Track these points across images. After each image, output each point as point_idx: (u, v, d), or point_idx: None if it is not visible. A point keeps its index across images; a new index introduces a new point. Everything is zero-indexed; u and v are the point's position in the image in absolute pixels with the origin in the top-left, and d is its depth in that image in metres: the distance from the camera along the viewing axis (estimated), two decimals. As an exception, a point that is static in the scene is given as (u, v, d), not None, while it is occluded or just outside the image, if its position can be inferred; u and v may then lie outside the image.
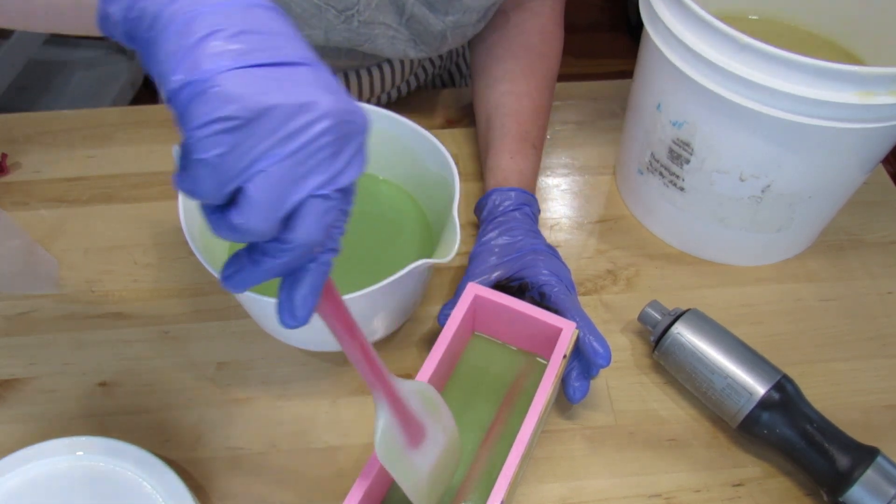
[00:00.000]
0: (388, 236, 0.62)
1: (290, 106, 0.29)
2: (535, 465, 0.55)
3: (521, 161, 0.65)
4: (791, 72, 0.51)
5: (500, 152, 0.66)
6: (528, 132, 0.67)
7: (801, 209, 0.62)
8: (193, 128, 0.28)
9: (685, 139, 0.60)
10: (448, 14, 0.65)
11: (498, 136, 0.67)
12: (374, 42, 0.67)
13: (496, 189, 0.63)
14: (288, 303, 0.34)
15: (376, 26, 0.65)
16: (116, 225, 0.69)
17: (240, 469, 0.55)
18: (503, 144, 0.66)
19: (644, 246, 0.69)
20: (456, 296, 0.57)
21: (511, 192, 0.63)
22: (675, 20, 0.56)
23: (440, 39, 0.67)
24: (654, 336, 0.59)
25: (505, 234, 0.60)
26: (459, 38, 0.69)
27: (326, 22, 0.64)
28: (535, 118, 0.68)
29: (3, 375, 0.59)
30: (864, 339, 0.63)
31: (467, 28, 0.68)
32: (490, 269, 0.58)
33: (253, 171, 0.29)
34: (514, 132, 0.67)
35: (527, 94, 0.69)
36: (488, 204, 0.63)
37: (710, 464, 0.56)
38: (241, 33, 0.29)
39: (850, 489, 0.50)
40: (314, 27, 0.65)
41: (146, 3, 0.30)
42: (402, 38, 0.67)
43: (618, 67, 2.00)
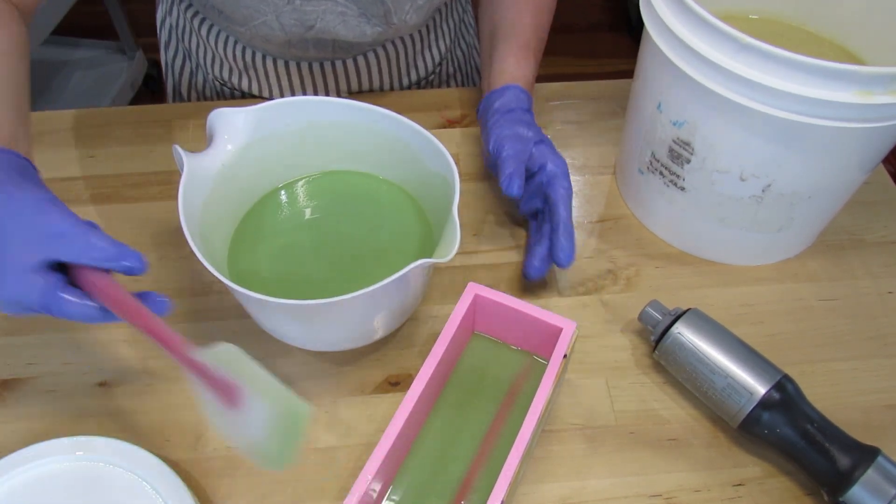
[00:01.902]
0: (388, 236, 0.62)
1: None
2: (535, 465, 0.55)
3: (525, 67, 0.69)
4: (791, 72, 0.51)
5: (506, 57, 0.69)
6: (529, 42, 0.71)
7: (802, 209, 0.62)
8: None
9: (685, 139, 0.60)
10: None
11: (503, 44, 0.71)
12: (325, 20, 0.69)
13: (511, 87, 0.67)
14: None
15: (321, 3, 0.68)
16: (116, 225, 0.69)
17: (240, 469, 0.55)
18: (508, 51, 0.70)
19: (644, 246, 0.69)
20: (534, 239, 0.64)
21: (522, 94, 0.67)
22: (675, 20, 0.56)
23: (381, 6, 0.69)
24: (654, 336, 0.59)
25: (521, 125, 0.64)
26: (407, 6, 0.70)
27: (273, 6, 0.67)
28: (535, 32, 0.73)
29: (3, 375, 0.59)
30: (865, 339, 0.63)
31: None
32: (523, 152, 0.62)
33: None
34: (516, 43, 0.71)
35: (528, 12, 0.73)
36: (493, 102, 0.67)
37: (710, 464, 0.56)
38: None
39: (850, 489, 0.50)
40: (265, 14, 0.68)
41: None
42: (353, 13, 0.69)
43: (618, 67, 2.00)
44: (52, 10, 1.53)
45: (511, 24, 0.72)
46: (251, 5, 0.68)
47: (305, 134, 0.62)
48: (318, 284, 0.59)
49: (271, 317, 0.54)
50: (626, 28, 2.18)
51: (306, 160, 0.64)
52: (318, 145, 0.63)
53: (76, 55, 1.77)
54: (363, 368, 0.60)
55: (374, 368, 0.60)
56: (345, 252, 0.61)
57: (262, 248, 0.61)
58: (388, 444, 0.46)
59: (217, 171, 0.58)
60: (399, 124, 0.60)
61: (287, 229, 0.63)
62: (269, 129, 0.60)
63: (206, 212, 0.56)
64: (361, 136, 0.62)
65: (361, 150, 0.63)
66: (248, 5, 0.68)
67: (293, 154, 0.63)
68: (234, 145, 0.59)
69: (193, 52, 0.84)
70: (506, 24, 0.72)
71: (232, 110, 0.59)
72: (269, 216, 0.63)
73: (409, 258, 0.60)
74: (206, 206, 0.56)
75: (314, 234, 0.62)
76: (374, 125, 0.61)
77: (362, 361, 0.61)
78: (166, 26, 0.86)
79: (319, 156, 0.64)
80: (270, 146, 0.61)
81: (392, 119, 0.60)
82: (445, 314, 0.63)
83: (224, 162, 0.58)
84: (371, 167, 0.65)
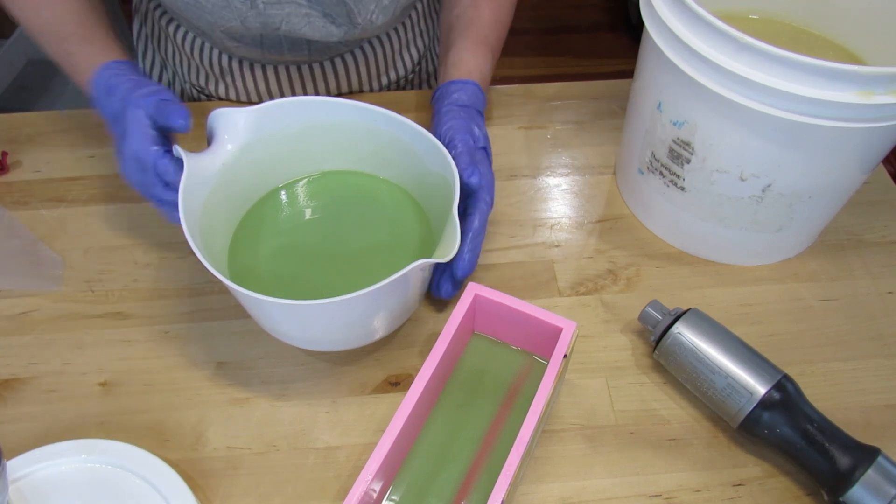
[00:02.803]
0: (388, 236, 0.62)
1: None
2: (535, 465, 0.55)
3: (482, 62, 0.70)
4: (791, 71, 0.51)
5: (461, 50, 0.70)
6: (487, 37, 0.72)
7: (802, 209, 0.62)
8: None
9: (685, 139, 0.60)
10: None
11: (458, 38, 0.71)
12: (291, 22, 0.69)
13: (465, 81, 0.67)
14: None
15: (285, 5, 0.68)
16: (116, 225, 0.69)
17: (240, 469, 0.55)
18: (465, 45, 0.70)
19: (644, 246, 0.69)
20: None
21: (480, 93, 0.67)
22: (675, 20, 0.56)
23: (343, 6, 0.70)
24: (654, 336, 0.59)
25: (474, 124, 0.64)
26: (371, 7, 0.71)
27: (237, 11, 0.68)
28: (493, 26, 0.73)
29: (3, 375, 0.59)
30: (864, 339, 0.63)
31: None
32: (473, 150, 0.62)
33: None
34: (473, 35, 0.71)
35: (487, 6, 0.73)
36: (454, 90, 0.67)
37: (710, 463, 0.56)
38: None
39: (850, 489, 0.50)
40: (230, 20, 0.69)
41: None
42: (317, 14, 0.70)
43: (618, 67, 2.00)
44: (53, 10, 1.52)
45: (469, 19, 0.72)
46: (215, 12, 0.68)
47: (305, 134, 0.62)
48: (318, 284, 0.59)
49: (270, 317, 0.54)
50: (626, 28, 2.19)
51: (306, 160, 0.64)
52: (318, 145, 0.63)
53: (76, 55, 1.77)
54: (363, 368, 0.60)
55: (374, 368, 0.60)
56: (345, 252, 0.61)
57: (261, 247, 0.61)
58: (388, 444, 0.47)
59: (217, 171, 0.58)
60: (399, 124, 0.60)
61: (287, 229, 0.63)
62: (269, 129, 0.60)
63: (206, 211, 0.56)
64: (361, 136, 0.62)
65: (361, 149, 0.63)
66: (211, 12, 0.68)
67: (293, 154, 0.63)
68: (234, 145, 0.59)
69: (169, 59, 0.84)
70: (465, 19, 0.72)
71: (232, 110, 0.59)
72: (269, 216, 0.63)
73: (410, 258, 0.60)
74: (207, 206, 0.56)
75: (314, 234, 0.62)
76: (374, 125, 0.61)
77: (362, 361, 0.61)
78: (142, 36, 0.86)
79: (319, 156, 0.64)
80: (270, 146, 0.61)
81: (392, 119, 0.60)
82: (445, 314, 0.63)
83: (224, 162, 0.59)
84: (371, 167, 0.65)
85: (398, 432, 0.47)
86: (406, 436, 0.50)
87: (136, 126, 0.57)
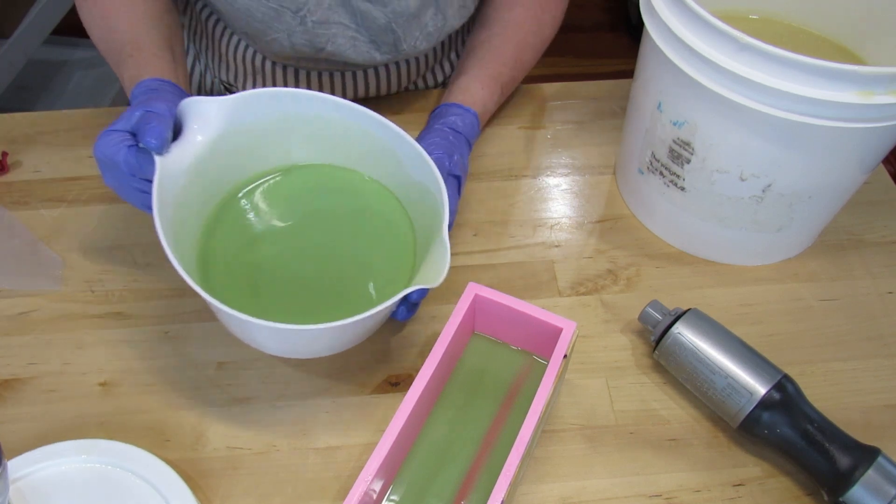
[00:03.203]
0: (370, 237, 0.60)
1: None
2: (535, 465, 0.55)
3: (488, 96, 0.71)
4: (791, 72, 0.51)
5: (473, 79, 0.71)
6: (502, 74, 0.72)
7: (802, 209, 0.62)
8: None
9: (685, 139, 0.60)
10: (386, 5, 0.67)
11: (474, 66, 0.72)
12: (336, 43, 0.69)
13: (466, 108, 0.68)
14: None
15: (332, 26, 0.67)
16: (116, 225, 0.69)
17: (240, 469, 0.55)
18: (477, 73, 0.71)
19: (644, 246, 0.69)
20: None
21: (476, 127, 0.69)
22: (675, 20, 0.56)
23: (391, 34, 0.69)
24: (654, 336, 0.59)
25: (457, 151, 0.64)
26: (415, 35, 0.71)
27: (286, 25, 0.67)
28: (512, 65, 0.73)
29: (3, 375, 0.59)
30: (864, 339, 0.63)
31: (414, 19, 0.69)
32: (442, 168, 0.62)
33: None
34: (489, 68, 0.72)
35: (512, 45, 0.73)
36: (453, 113, 0.67)
37: (710, 464, 0.56)
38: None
39: (850, 489, 0.50)
40: (277, 31, 0.68)
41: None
42: (363, 39, 0.69)
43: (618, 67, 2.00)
44: (52, 10, 1.53)
45: (492, 51, 0.73)
46: (264, 21, 0.67)
47: (282, 127, 0.59)
48: (297, 294, 0.57)
49: (247, 332, 0.52)
50: (626, 28, 2.18)
51: (283, 154, 0.62)
52: (298, 139, 0.60)
53: (76, 55, 1.76)
54: (363, 368, 0.60)
55: (374, 368, 0.60)
56: (325, 253, 0.59)
57: (238, 249, 0.59)
58: (388, 444, 0.46)
59: (189, 166, 0.55)
60: (383, 128, 0.57)
61: (264, 232, 0.60)
62: (242, 121, 0.57)
63: (177, 209, 0.54)
64: (341, 133, 0.60)
65: (342, 146, 0.61)
66: (260, 20, 0.67)
67: (269, 148, 0.61)
68: (206, 136, 0.56)
69: (203, 52, 0.84)
70: (488, 48, 0.73)
71: (205, 99, 0.56)
72: (242, 213, 0.60)
73: (394, 266, 0.58)
74: (177, 204, 0.54)
75: (294, 236, 0.60)
76: (357, 124, 0.58)
77: (362, 361, 0.61)
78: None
79: (300, 150, 0.62)
80: (245, 139, 0.58)
81: (375, 121, 0.57)
82: (445, 314, 0.63)
83: (196, 155, 0.56)
84: (354, 164, 0.62)
85: (398, 432, 0.47)
86: (406, 436, 0.50)
87: (113, 133, 0.55)
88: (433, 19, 0.71)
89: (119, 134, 0.55)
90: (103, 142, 0.55)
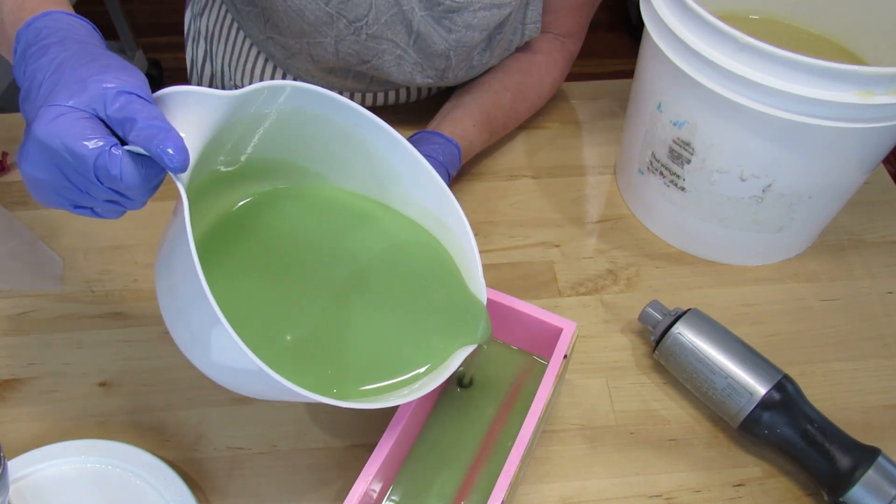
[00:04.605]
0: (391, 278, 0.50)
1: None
2: (535, 465, 0.55)
3: (477, 135, 0.70)
4: (791, 72, 0.51)
5: (466, 115, 0.70)
6: (496, 118, 0.72)
7: (802, 209, 0.62)
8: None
9: (686, 139, 0.60)
10: (451, 32, 0.67)
11: (469, 103, 0.71)
12: (382, 59, 0.68)
13: (448, 139, 0.66)
14: None
15: (384, 42, 0.67)
16: (116, 225, 0.69)
17: (240, 469, 0.55)
18: (473, 112, 0.70)
19: (644, 246, 0.69)
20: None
21: (457, 162, 0.67)
22: (675, 20, 0.56)
23: (444, 61, 0.69)
24: (654, 336, 0.59)
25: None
26: (464, 65, 0.70)
27: (337, 31, 0.66)
28: (507, 112, 0.73)
29: (3, 375, 0.59)
30: (864, 339, 0.63)
31: (471, 51, 0.69)
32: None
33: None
34: (484, 109, 0.71)
35: (511, 91, 0.73)
36: (433, 142, 0.66)
37: (710, 464, 0.56)
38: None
39: (851, 489, 0.50)
40: (325, 35, 0.66)
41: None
42: (410, 60, 0.69)
43: (618, 67, 2.00)
44: (52, 10, 1.52)
45: (490, 91, 0.72)
46: (314, 24, 0.65)
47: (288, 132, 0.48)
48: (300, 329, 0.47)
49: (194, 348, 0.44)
50: (626, 28, 2.18)
51: (292, 163, 0.51)
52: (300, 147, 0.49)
53: (76, 55, 1.77)
54: (363, 368, 0.60)
55: (375, 368, 0.60)
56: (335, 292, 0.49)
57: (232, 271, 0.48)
58: (388, 444, 0.46)
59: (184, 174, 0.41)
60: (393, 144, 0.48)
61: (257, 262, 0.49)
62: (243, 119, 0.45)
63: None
64: (345, 143, 0.49)
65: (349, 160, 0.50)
66: (311, 23, 0.65)
67: (274, 155, 0.49)
68: (197, 140, 0.41)
69: (218, 55, 0.82)
70: (486, 89, 0.72)
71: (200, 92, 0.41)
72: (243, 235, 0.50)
73: (421, 317, 0.49)
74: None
75: (296, 265, 0.50)
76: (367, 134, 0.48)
77: (362, 361, 0.61)
78: (194, 28, 0.84)
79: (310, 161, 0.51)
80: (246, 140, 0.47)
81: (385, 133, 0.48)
82: (445, 314, 0.63)
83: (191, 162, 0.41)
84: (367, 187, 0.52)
85: (398, 432, 0.47)
86: (406, 436, 0.50)
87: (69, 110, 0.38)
88: (480, 55, 0.71)
89: (82, 116, 0.38)
90: (59, 126, 0.38)
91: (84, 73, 0.39)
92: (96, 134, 0.38)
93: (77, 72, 0.39)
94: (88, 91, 0.38)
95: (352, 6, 0.63)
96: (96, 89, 0.38)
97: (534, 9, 0.71)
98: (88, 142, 0.37)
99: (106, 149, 0.37)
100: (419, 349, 0.47)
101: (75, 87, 0.38)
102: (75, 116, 0.38)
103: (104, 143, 0.37)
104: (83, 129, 0.37)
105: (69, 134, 0.37)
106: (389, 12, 0.64)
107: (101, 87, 0.38)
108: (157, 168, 0.39)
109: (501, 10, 0.66)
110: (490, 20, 0.66)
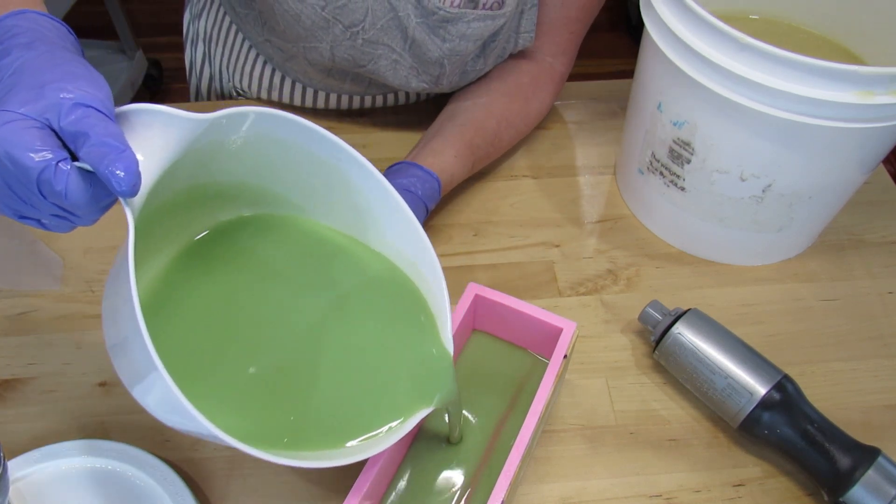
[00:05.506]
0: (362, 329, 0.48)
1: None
2: (535, 466, 0.55)
3: (459, 167, 0.67)
4: (791, 72, 0.51)
5: (449, 145, 0.67)
6: (479, 147, 0.69)
7: (802, 209, 0.62)
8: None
9: (686, 139, 0.60)
10: (445, 41, 0.66)
11: (452, 131, 0.68)
12: (377, 63, 0.68)
13: (429, 172, 0.64)
14: None
15: (380, 47, 0.67)
16: (116, 225, 0.69)
17: (240, 469, 0.55)
18: (455, 142, 0.67)
19: (644, 246, 0.69)
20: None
21: (436, 196, 0.64)
22: (675, 20, 0.56)
23: (439, 68, 0.69)
24: (654, 336, 0.59)
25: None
26: (457, 72, 0.70)
27: (333, 36, 0.66)
28: (490, 140, 0.70)
29: (3, 375, 0.59)
30: (865, 339, 0.63)
31: (465, 59, 0.69)
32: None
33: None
34: (468, 138, 0.68)
35: (496, 118, 0.71)
36: (412, 174, 0.63)
37: (710, 464, 0.56)
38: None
39: (851, 489, 0.50)
40: (321, 40, 0.66)
41: None
42: (405, 64, 0.68)
43: (618, 67, 2.00)
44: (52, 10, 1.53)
45: (473, 119, 0.70)
46: (310, 29, 0.65)
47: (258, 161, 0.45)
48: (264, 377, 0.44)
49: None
50: (626, 28, 2.18)
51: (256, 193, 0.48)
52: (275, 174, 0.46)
53: (76, 55, 1.77)
54: (363, 368, 0.60)
55: (374, 368, 0.60)
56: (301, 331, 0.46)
57: (188, 316, 0.45)
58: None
59: (140, 201, 0.40)
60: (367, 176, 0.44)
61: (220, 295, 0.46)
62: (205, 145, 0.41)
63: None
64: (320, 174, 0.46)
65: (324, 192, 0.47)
66: (307, 27, 0.65)
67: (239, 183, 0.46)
68: (154, 163, 0.39)
69: (216, 58, 0.83)
70: (470, 115, 0.70)
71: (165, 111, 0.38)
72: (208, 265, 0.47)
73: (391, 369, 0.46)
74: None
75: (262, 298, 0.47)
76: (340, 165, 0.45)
77: (362, 361, 0.61)
78: (193, 28, 0.85)
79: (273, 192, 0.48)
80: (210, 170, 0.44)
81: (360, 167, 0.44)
82: (445, 314, 0.63)
83: (147, 188, 0.39)
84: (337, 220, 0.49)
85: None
86: (406, 436, 0.50)
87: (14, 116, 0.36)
88: (474, 62, 0.71)
89: (33, 125, 0.36)
90: (5, 133, 0.35)
91: (44, 79, 0.37)
92: (45, 146, 0.35)
93: (37, 77, 0.37)
94: (45, 99, 0.36)
95: (348, 11, 0.64)
96: (53, 98, 0.36)
97: (528, 18, 0.70)
98: (35, 154, 0.35)
99: (52, 163, 0.35)
100: (380, 407, 0.45)
101: (31, 94, 0.36)
102: (25, 125, 0.35)
103: (52, 157, 0.35)
104: (31, 140, 0.35)
105: (15, 143, 0.35)
106: (385, 18, 0.64)
107: (58, 96, 0.36)
108: (108, 188, 0.37)
109: (495, 20, 0.66)
110: (484, 31, 0.66)
